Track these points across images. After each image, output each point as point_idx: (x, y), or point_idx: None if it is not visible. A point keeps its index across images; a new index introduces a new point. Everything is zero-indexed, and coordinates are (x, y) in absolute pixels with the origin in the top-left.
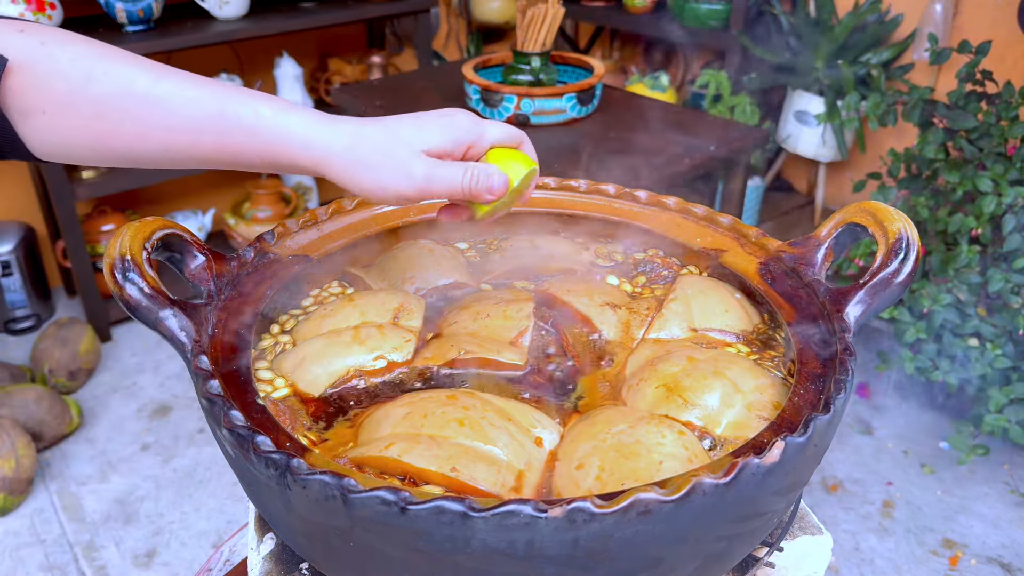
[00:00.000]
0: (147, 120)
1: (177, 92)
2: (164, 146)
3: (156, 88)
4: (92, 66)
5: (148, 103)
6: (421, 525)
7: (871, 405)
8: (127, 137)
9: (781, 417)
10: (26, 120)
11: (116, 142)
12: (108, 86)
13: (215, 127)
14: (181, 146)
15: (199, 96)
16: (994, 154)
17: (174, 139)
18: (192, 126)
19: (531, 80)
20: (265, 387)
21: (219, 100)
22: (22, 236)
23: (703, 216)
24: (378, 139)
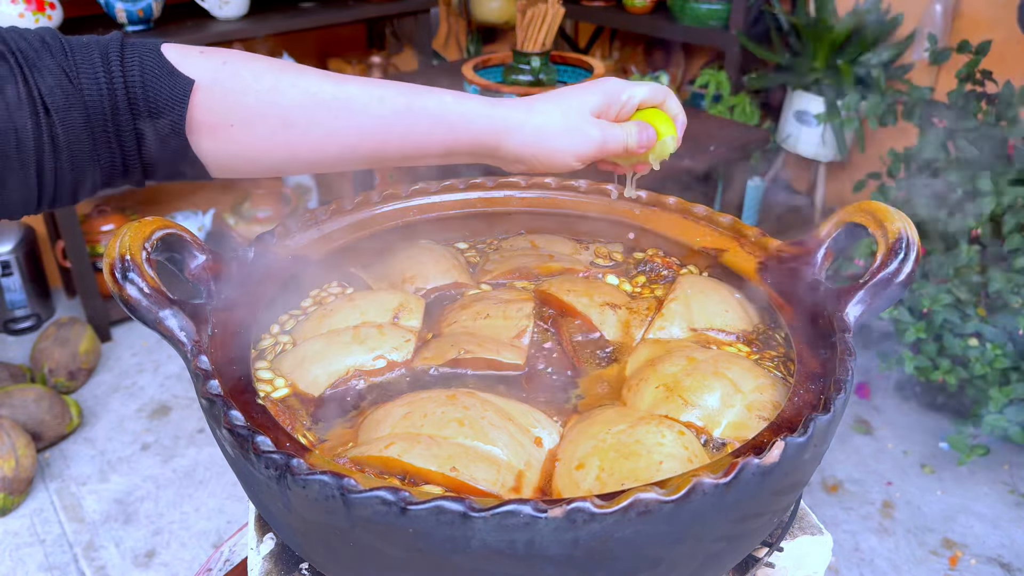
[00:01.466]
0: (336, 122)
1: (363, 93)
2: (352, 146)
3: (342, 92)
4: (276, 79)
5: (336, 106)
6: (421, 525)
7: (871, 405)
8: (315, 141)
9: (781, 417)
10: (214, 135)
11: (303, 147)
12: (295, 95)
13: (403, 120)
14: (369, 144)
15: (386, 94)
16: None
17: (363, 138)
18: (381, 123)
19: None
20: (265, 387)
21: (406, 95)
22: (22, 236)
23: (703, 216)
24: (551, 108)
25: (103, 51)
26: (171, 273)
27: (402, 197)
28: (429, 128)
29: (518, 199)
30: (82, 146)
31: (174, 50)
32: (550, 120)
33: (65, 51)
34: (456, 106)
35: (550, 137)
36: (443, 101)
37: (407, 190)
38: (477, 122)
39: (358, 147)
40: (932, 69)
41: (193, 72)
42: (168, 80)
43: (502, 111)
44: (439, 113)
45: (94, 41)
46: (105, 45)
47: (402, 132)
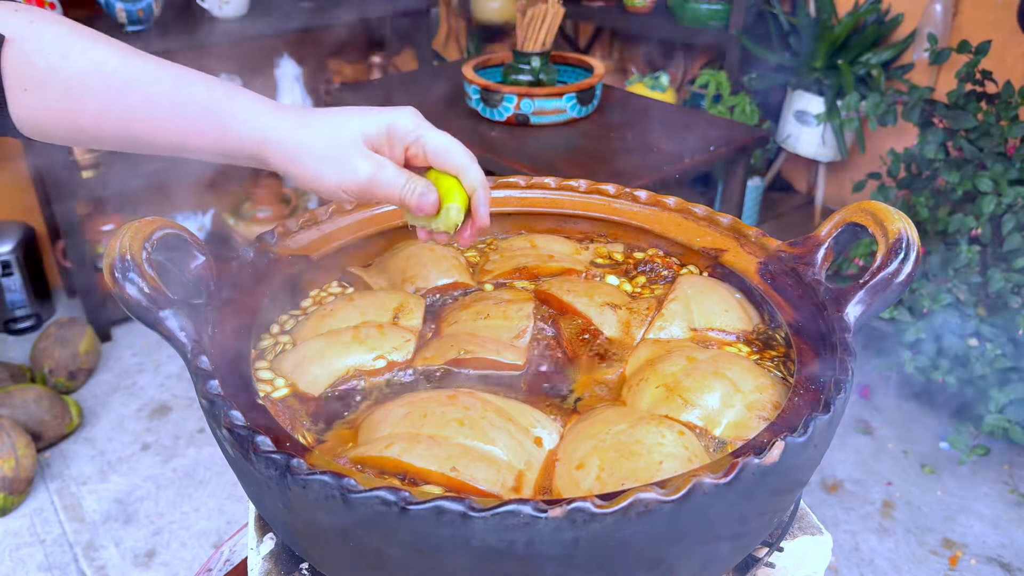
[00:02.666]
0: (108, 97)
1: (141, 72)
2: (124, 124)
3: (123, 67)
4: (71, 44)
5: (112, 80)
6: (421, 525)
7: (871, 405)
8: (91, 114)
9: (781, 417)
10: (14, 97)
11: (83, 119)
12: (80, 64)
13: (170, 104)
14: (140, 125)
15: (161, 76)
16: (994, 154)
17: (133, 117)
18: (150, 104)
19: (531, 80)
20: (265, 387)
21: (176, 79)
22: (22, 236)
23: (703, 216)
24: (321, 126)
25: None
26: (171, 273)
27: None
28: (194, 118)
29: (518, 199)
30: None
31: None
32: (314, 140)
33: None
34: (225, 101)
35: (311, 159)
36: (212, 92)
37: None
38: (243, 124)
39: (131, 126)
40: (932, 69)
41: (4, 27)
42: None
43: (268, 119)
44: (206, 103)
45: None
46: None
47: (169, 117)
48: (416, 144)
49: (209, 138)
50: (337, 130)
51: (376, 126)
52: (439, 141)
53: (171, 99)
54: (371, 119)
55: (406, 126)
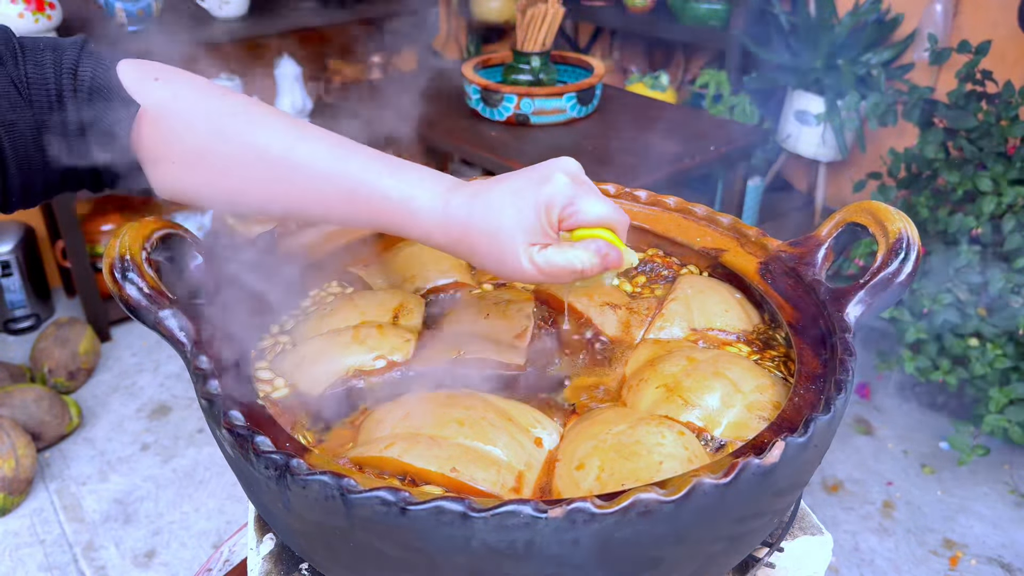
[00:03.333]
0: (276, 186)
1: (309, 164)
2: (294, 211)
3: (289, 156)
4: (224, 125)
5: (278, 171)
6: (421, 525)
7: (871, 405)
8: (255, 198)
9: (781, 417)
10: (155, 167)
11: (243, 200)
12: (238, 146)
13: (345, 203)
14: (312, 213)
15: (332, 172)
16: (994, 154)
17: (305, 207)
18: (322, 199)
19: (531, 80)
20: (265, 387)
21: (351, 180)
22: (22, 236)
23: (703, 216)
24: (485, 233)
25: (57, 60)
26: (171, 273)
27: None
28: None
29: None
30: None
31: (132, 68)
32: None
33: (16, 58)
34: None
35: (484, 259)
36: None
37: None
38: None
39: (302, 213)
40: (932, 69)
41: (144, 98)
42: (116, 103)
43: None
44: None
45: (50, 46)
46: (61, 52)
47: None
48: (571, 217)
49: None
50: (497, 233)
51: (533, 213)
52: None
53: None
54: (526, 208)
55: (561, 199)
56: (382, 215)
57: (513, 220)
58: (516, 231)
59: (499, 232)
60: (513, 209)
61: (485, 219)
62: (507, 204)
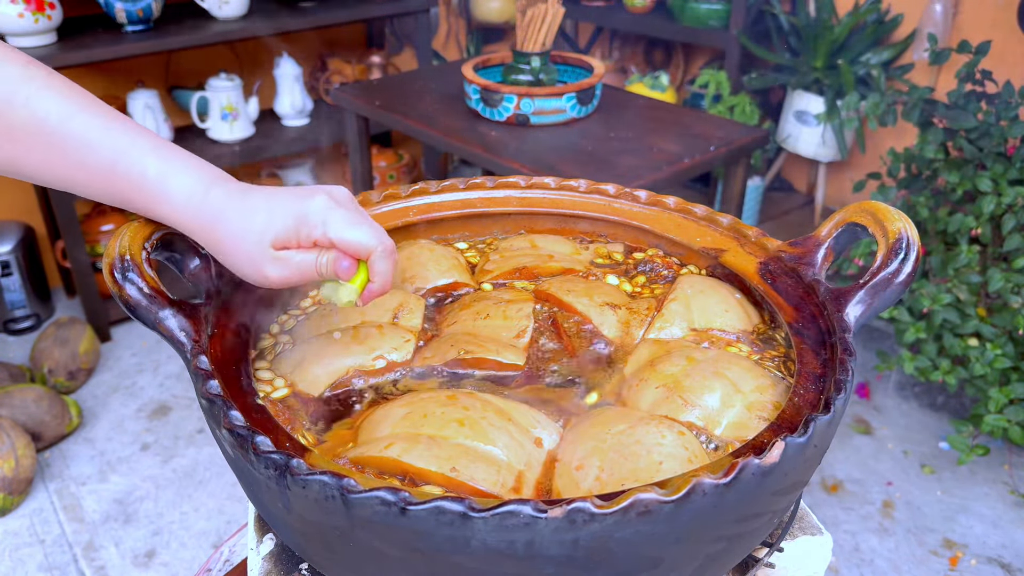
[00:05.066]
0: (50, 153)
1: (79, 134)
2: (64, 179)
3: (65, 126)
4: (15, 91)
5: (53, 139)
6: (421, 525)
7: (871, 405)
8: (34, 163)
9: (781, 417)
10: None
11: (25, 166)
12: (23, 115)
13: (106, 175)
14: (80, 184)
15: (99, 143)
16: (994, 154)
17: (72, 175)
18: (86, 169)
19: (531, 80)
20: (265, 387)
21: (115, 152)
22: (22, 236)
23: (703, 216)
24: (233, 227)
25: None
26: (171, 273)
27: (402, 197)
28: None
29: (518, 199)
30: None
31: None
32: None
33: None
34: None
35: (227, 256)
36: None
37: (407, 190)
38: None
39: (72, 182)
40: (932, 69)
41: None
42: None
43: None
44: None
45: None
46: None
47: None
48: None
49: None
50: (243, 231)
51: (280, 222)
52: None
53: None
54: (276, 215)
55: (316, 216)
56: (137, 192)
57: (264, 223)
58: (265, 233)
59: (247, 233)
60: (266, 214)
61: (239, 217)
62: (261, 208)
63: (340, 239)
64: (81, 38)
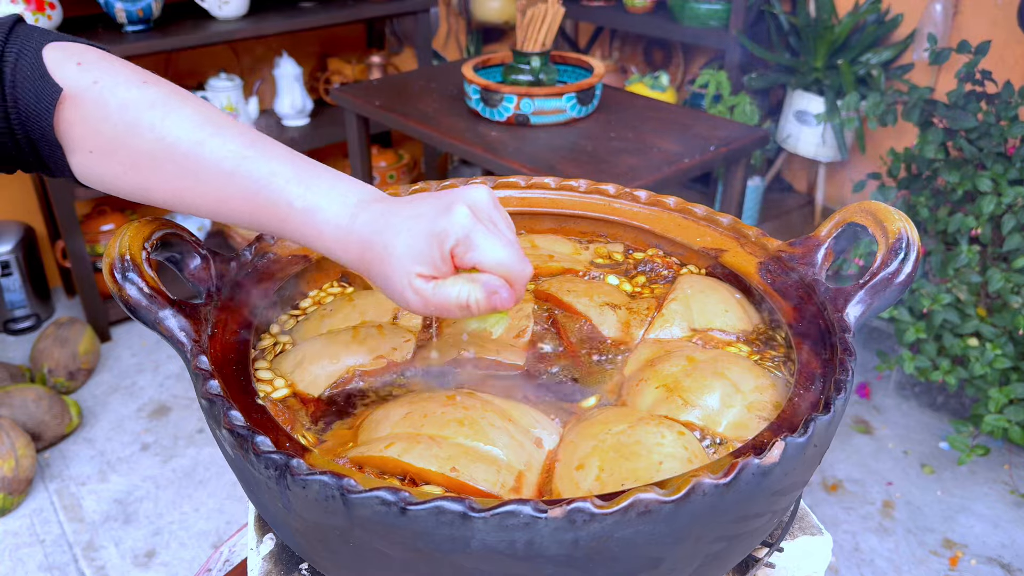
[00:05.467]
0: (183, 182)
1: (216, 163)
2: (195, 208)
3: (197, 153)
4: (139, 117)
5: (185, 168)
6: (421, 525)
7: (871, 405)
8: (163, 194)
9: (781, 417)
10: (73, 154)
11: (153, 196)
12: (150, 140)
13: (248, 204)
14: (217, 213)
15: (236, 172)
16: (994, 154)
17: (206, 205)
18: (225, 201)
19: (531, 80)
20: (265, 387)
21: (254, 180)
22: (22, 236)
23: (703, 216)
24: (379, 250)
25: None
26: (171, 273)
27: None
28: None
29: (518, 199)
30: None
31: (57, 51)
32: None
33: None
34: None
35: (378, 281)
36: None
37: (407, 190)
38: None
39: (211, 212)
40: (932, 69)
41: (63, 81)
42: (38, 84)
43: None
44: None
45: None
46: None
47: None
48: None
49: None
50: (387, 257)
51: (424, 242)
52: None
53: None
54: (419, 236)
55: (457, 233)
56: (286, 224)
57: (405, 246)
58: (405, 258)
59: (391, 257)
60: (407, 235)
61: (383, 241)
62: (403, 229)
63: (482, 264)
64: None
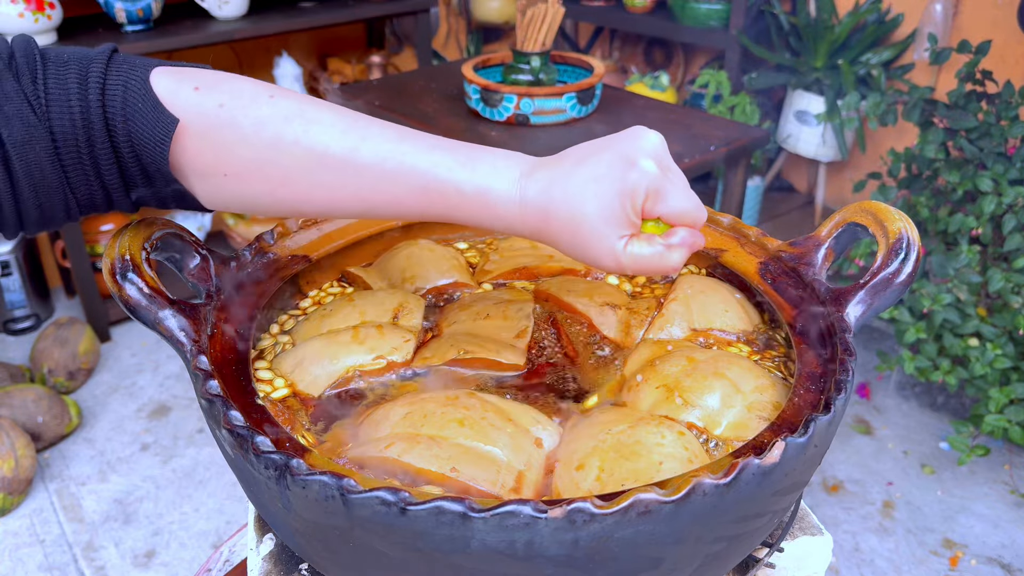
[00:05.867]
0: (342, 190)
1: (376, 165)
2: (361, 211)
3: (353, 158)
4: (280, 132)
5: (343, 175)
6: (421, 525)
7: (871, 405)
8: (321, 203)
9: (781, 417)
10: (204, 181)
11: (309, 207)
12: (298, 153)
13: (416, 198)
14: (384, 212)
15: (400, 171)
16: (994, 154)
17: (374, 206)
18: (394, 199)
19: (531, 80)
20: (264, 387)
21: (419, 174)
22: (22, 236)
23: None
24: (565, 217)
25: (83, 74)
26: (171, 273)
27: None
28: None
29: None
30: (48, 181)
31: (167, 78)
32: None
33: (35, 73)
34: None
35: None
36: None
37: None
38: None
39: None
40: (932, 69)
41: (183, 110)
42: (151, 116)
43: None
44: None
45: (75, 59)
46: (87, 65)
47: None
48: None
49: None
50: (576, 221)
51: (617, 202)
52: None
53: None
54: (609, 197)
55: (647, 187)
56: (459, 209)
57: (595, 209)
58: (599, 222)
59: (582, 222)
60: (595, 199)
61: (567, 207)
62: (589, 193)
63: (673, 214)
64: (81, 38)
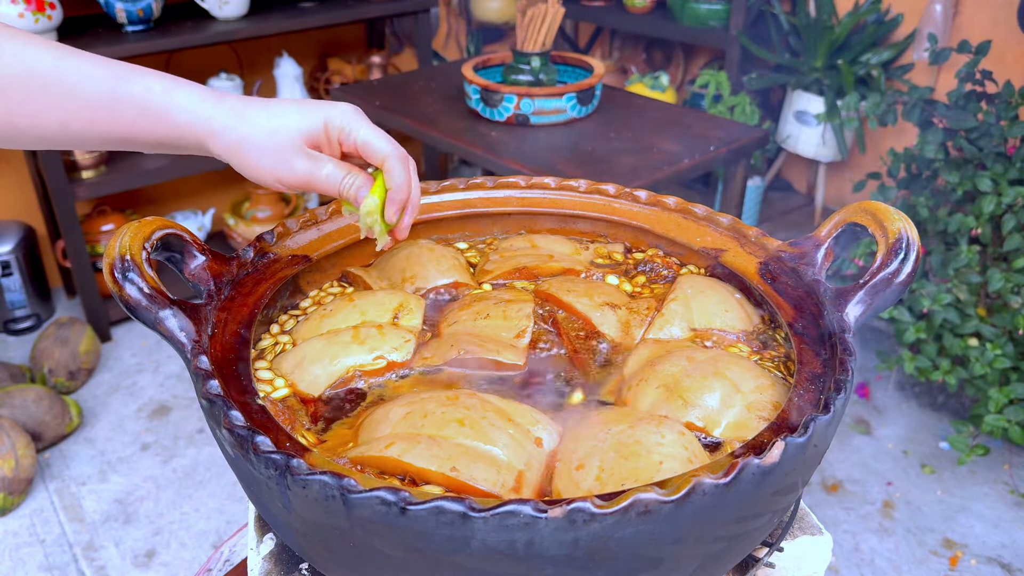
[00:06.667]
0: (46, 98)
1: (75, 71)
2: (63, 123)
3: (57, 67)
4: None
5: (48, 82)
6: (421, 525)
7: (871, 405)
8: (29, 115)
9: (781, 417)
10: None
11: (21, 120)
12: (13, 65)
13: (108, 103)
14: (79, 124)
15: (95, 74)
16: (994, 154)
17: (71, 116)
18: (88, 105)
19: (531, 80)
20: (265, 387)
21: (114, 78)
22: (22, 236)
23: (703, 216)
24: (261, 121)
25: None
26: (171, 273)
27: None
28: (135, 115)
29: (518, 199)
30: None
31: None
32: (255, 134)
33: None
34: (163, 97)
35: (252, 152)
36: (150, 89)
37: None
38: (181, 117)
39: (69, 125)
40: (932, 69)
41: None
42: None
43: (208, 110)
44: (143, 101)
45: None
46: None
47: (108, 117)
48: (348, 140)
49: (152, 133)
50: (277, 126)
51: (312, 121)
52: (364, 136)
53: (109, 97)
54: (308, 115)
55: (339, 122)
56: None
57: (297, 121)
58: (299, 129)
59: (280, 128)
60: (298, 114)
61: (268, 116)
62: (291, 110)
63: (365, 141)
64: (81, 38)
